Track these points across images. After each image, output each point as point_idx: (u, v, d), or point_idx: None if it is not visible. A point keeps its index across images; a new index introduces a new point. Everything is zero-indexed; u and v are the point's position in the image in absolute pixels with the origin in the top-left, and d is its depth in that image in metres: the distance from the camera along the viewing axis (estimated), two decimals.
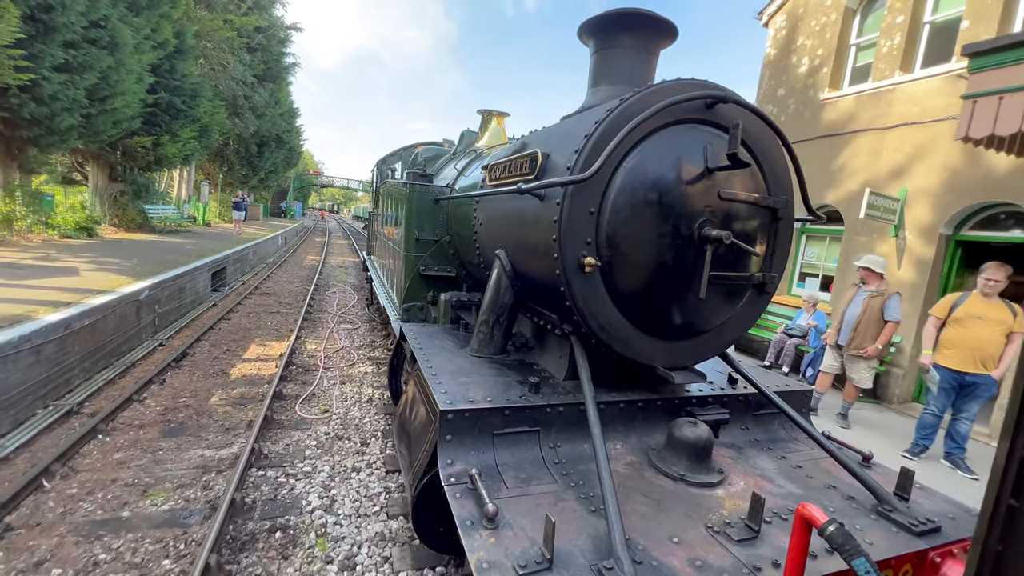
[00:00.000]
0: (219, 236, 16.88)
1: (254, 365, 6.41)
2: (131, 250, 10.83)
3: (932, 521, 1.96)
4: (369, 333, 8.52)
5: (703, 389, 2.71)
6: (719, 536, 1.78)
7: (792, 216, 2.55)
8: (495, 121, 5.53)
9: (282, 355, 6.65)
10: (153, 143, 15.08)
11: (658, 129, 2.21)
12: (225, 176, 29.30)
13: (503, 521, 1.74)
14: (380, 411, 5.26)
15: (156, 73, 13.76)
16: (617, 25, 2.69)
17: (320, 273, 14.90)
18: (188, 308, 8.90)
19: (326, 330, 8.42)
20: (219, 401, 5.19)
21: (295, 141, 39.36)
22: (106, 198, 15.13)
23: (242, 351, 7.02)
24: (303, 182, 54.26)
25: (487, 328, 2.97)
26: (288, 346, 7.03)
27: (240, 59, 22.39)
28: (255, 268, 15.09)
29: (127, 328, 6.44)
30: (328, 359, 6.85)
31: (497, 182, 2.93)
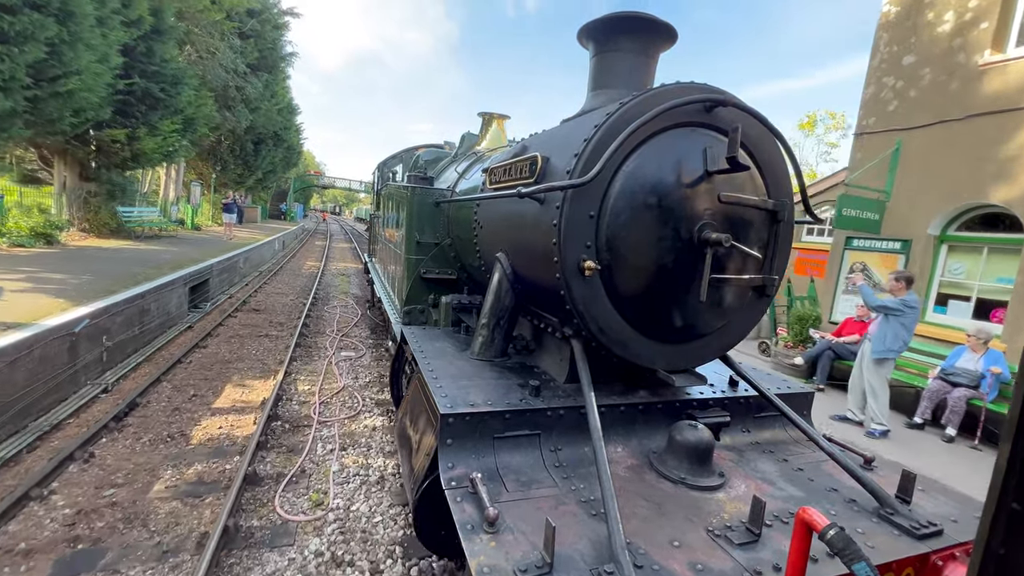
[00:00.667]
0: (208, 242, 15.12)
1: (225, 420, 4.87)
2: (91, 262, 9.05)
3: (934, 524, 1.96)
4: (376, 364, 6.97)
5: (704, 392, 2.71)
6: (720, 540, 1.78)
7: (792, 219, 2.55)
8: (495, 124, 5.55)
9: (264, 402, 5.18)
10: (128, 136, 13.06)
11: (657, 133, 2.21)
12: (219, 176, 27.04)
13: (504, 525, 1.74)
14: (397, 498, 3.73)
15: (129, 55, 11.85)
16: (616, 29, 2.69)
17: (319, 282, 13.44)
18: (153, 335, 7.33)
19: (323, 360, 6.92)
20: (164, 492, 3.62)
21: (294, 139, 37.46)
22: (75, 199, 13.16)
23: (213, 396, 5.42)
24: (304, 183, 52.69)
25: (488, 331, 2.97)
26: (274, 387, 5.50)
27: (230, 45, 19.96)
28: (246, 278, 13.41)
29: (52, 374, 4.83)
30: (324, 406, 5.36)
31: (497, 185, 2.94)
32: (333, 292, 12.55)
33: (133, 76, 12.36)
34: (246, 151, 27.70)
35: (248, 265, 14.34)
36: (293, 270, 16.29)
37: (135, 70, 12.45)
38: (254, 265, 15.15)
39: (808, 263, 11.19)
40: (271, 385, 5.74)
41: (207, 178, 26.08)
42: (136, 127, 13.23)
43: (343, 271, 17.09)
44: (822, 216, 10.25)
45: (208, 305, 9.72)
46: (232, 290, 11.66)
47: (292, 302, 10.91)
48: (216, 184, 26.65)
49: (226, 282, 11.85)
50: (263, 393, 5.58)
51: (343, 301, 11.33)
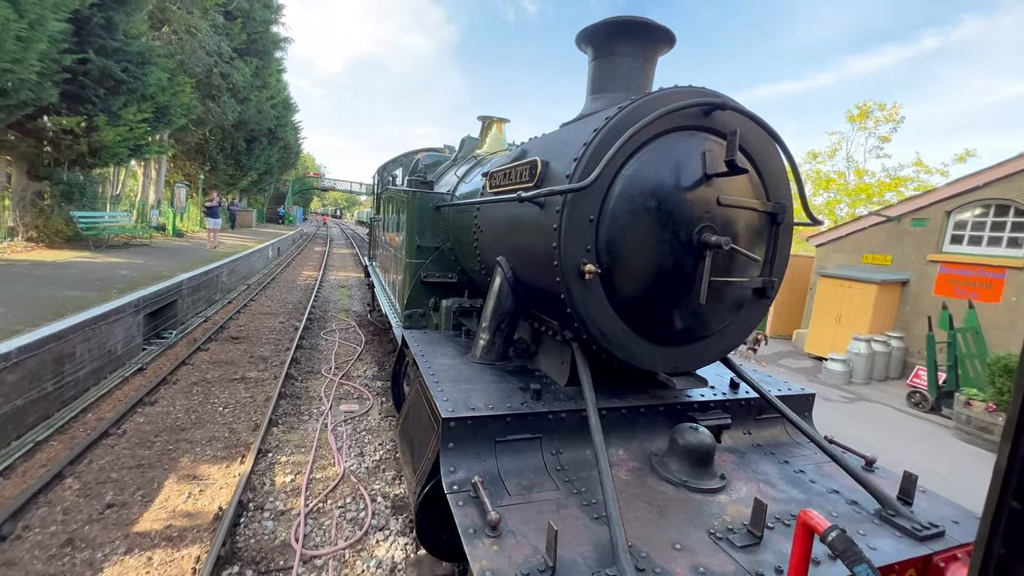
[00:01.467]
0: (187, 251, 13.10)
1: (153, 559, 3.09)
2: (13, 283, 7.02)
3: (936, 526, 1.96)
4: (387, 423, 5.19)
5: (705, 394, 2.71)
6: (722, 542, 1.78)
7: (791, 221, 2.56)
8: (495, 127, 5.57)
9: (221, 513, 3.48)
10: (83, 126, 10.71)
11: (656, 136, 2.22)
12: (208, 177, 24.35)
13: (506, 529, 1.74)
14: None
15: (82, 27, 9.80)
16: (615, 33, 2.71)
17: (315, 297, 11.82)
18: (79, 389, 5.24)
19: (316, 421, 5.12)
20: None
21: (291, 138, 34.85)
22: (20, 202, 11.01)
23: (141, 506, 3.57)
24: (304, 185, 51.14)
25: (488, 335, 2.98)
26: (239, 483, 3.79)
27: (213, 24, 17.30)
28: (229, 295, 11.48)
29: None
30: (313, 519, 3.59)
31: (497, 189, 2.95)
32: (332, 310, 10.88)
33: (88, 52, 10.09)
34: (238, 149, 25.22)
35: (233, 278, 12.38)
36: (287, 282, 14.32)
37: (91, 45, 10.16)
38: (241, 277, 13.23)
39: (959, 281, 8.53)
40: (237, 473, 4.02)
41: (195, 179, 23.62)
42: (93, 115, 10.92)
43: (343, 281, 15.43)
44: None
45: (175, 334, 7.79)
46: (210, 311, 9.71)
47: (281, 326, 8.95)
48: (205, 185, 23.99)
49: (203, 301, 9.76)
50: (221, 494, 3.75)
51: (343, 322, 9.63)
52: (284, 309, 10.60)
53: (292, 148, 37.45)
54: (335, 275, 16.86)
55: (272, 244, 18.84)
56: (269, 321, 9.39)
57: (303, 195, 56.58)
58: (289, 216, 42.13)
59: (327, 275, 16.51)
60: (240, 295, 11.71)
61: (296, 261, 20.10)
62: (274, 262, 18.43)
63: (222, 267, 11.34)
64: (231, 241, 17.70)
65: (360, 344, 8.17)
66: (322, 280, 14.97)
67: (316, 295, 12.20)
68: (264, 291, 12.51)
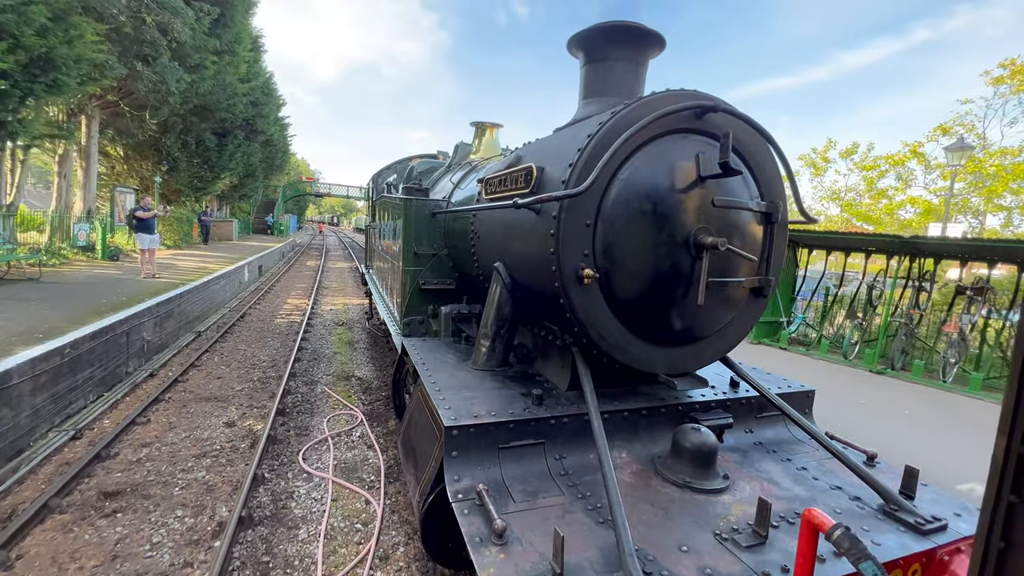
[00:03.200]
0: (101, 286, 8.48)
1: None
2: None
3: (938, 519, 1.97)
4: None
5: (705, 394, 2.73)
6: (727, 543, 1.79)
7: (786, 220, 2.58)
8: (488, 132, 5.58)
9: None
10: None
11: (650, 140, 2.24)
12: (167, 179, 19.05)
13: (512, 536, 1.75)
14: None
15: None
16: (606, 38, 2.73)
17: (299, 350, 7.68)
18: None
19: None
20: None
21: (277, 135, 29.60)
22: None
23: None
24: (296, 191, 45.72)
25: (488, 341, 2.98)
26: None
27: None
28: (153, 361, 6.97)
29: None
30: None
31: (493, 196, 2.96)
32: (323, 375, 6.72)
33: None
34: (206, 145, 20.05)
35: (169, 328, 7.89)
36: (261, 322, 9.78)
37: None
38: (186, 323, 8.70)
39: None
40: None
41: (149, 182, 18.12)
42: None
43: (341, 315, 10.87)
44: None
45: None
46: (90, 413, 5.13)
47: (226, 436, 4.78)
48: (163, 190, 18.71)
49: (82, 390, 5.30)
50: None
51: (343, 413, 5.47)
52: (243, 384, 6.21)
53: (279, 147, 32.65)
54: (330, 303, 12.47)
55: (251, 262, 15.09)
56: (206, 424, 5.02)
57: (297, 202, 53.40)
58: (279, 225, 37.45)
59: (320, 304, 12.24)
60: (175, 358, 7.22)
61: (281, 283, 15.67)
62: (250, 287, 14.27)
63: (139, 316, 6.75)
64: (187, 263, 12.77)
65: (379, 496, 3.83)
66: (312, 313, 10.66)
67: (300, 346, 7.90)
68: (222, 342, 8.07)
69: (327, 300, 13.06)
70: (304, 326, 9.28)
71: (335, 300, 13.12)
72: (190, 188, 21.18)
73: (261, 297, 12.75)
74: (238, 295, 12.89)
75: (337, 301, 12.94)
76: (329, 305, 12.28)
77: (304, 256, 26.90)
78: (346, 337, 9.06)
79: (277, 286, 15.09)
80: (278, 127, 30.07)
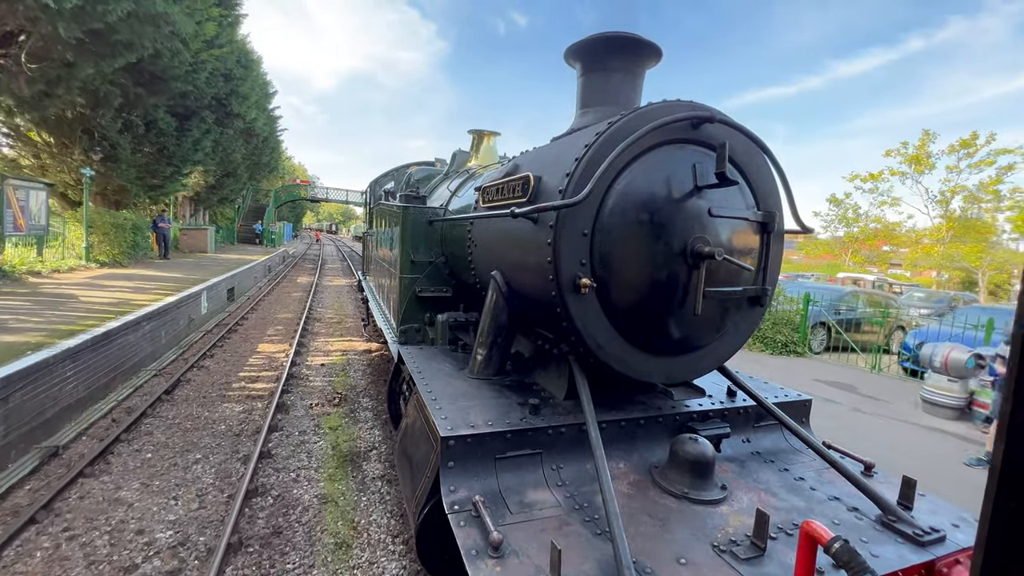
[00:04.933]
0: None
1: None
2: None
3: (937, 530, 1.96)
4: None
5: (703, 404, 2.72)
6: (725, 555, 1.78)
7: (783, 229, 2.60)
8: (486, 140, 5.60)
9: None
10: None
11: (647, 150, 2.25)
12: (103, 171, 13.92)
13: (508, 549, 1.73)
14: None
15: None
16: (603, 49, 2.75)
17: (260, 458, 4.41)
18: None
19: None
20: None
21: (261, 122, 24.10)
22: None
23: None
24: (290, 195, 40.77)
25: (485, 349, 2.97)
26: None
27: None
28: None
29: None
30: None
31: (490, 204, 2.96)
32: (308, 524, 3.54)
33: None
34: (160, 129, 14.97)
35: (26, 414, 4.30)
36: (201, 398, 5.96)
37: None
38: (32, 424, 4.42)
39: None
40: None
41: (76, 174, 13.35)
42: None
43: (339, 376, 7.04)
44: None
45: None
46: None
47: None
48: (96, 188, 14.26)
49: None
50: None
51: None
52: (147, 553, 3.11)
53: (267, 142, 27.40)
54: (323, 352, 8.25)
55: (215, 285, 10.76)
56: None
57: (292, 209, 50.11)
58: (269, 234, 31.65)
59: (306, 354, 8.02)
60: (50, 469, 4.14)
61: (257, 314, 11.20)
62: (207, 324, 9.82)
63: None
64: (108, 294, 8.40)
65: None
66: (291, 379, 6.70)
67: (256, 479, 4.11)
68: (91, 478, 4.01)
69: (318, 345, 8.60)
70: (272, 414, 5.30)
71: (330, 344, 8.72)
72: (140, 186, 15.79)
73: (216, 344, 8.19)
74: (181, 342, 8.27)
75: (333, 346, 8.62)
76: (321, 356, 7.87)
77: (296, 271, 22.29)
78: (346, 440, 4.93)
79: (249, 320, 10.49)
80: (264, 116, 24.79)
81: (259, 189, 37.25)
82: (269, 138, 28.35)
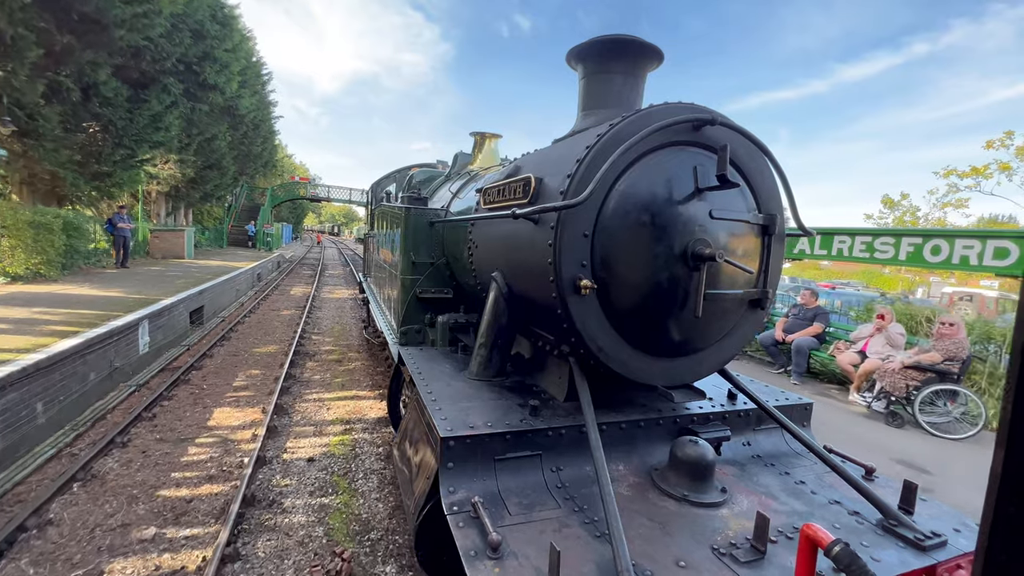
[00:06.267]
0: None
1: None
2: None
3: (938, 535, 1.95)
4: None
5: (703, 406, 2.71)
6: (725, 558, 1.77)
7: (784, 232, 2.59)
8: (488, 142, 5.61)
9: None
10: None
11: (648, 152, 2.25)
12: (21, 151, 10.69)
13: (507, 551, 1.72)
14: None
15: None
16: (605, 52, 2.76)
17: None
18: None
19: None
20: None
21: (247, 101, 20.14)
22: None
23: None
24: (288, 194, 37.44)
25: (485, 351, 2.97)
26: None
27: None
28: None
29: None
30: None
31: (491, 205, 2.97)
32: None
33: None
34: (105, 97, 11.49)
35: None
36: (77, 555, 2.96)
37: None
38: None
39: None
40: None
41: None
42: None
43: (342, 476, 4.15)
44: None
45: None
46: None
47: None
48: (12, 174, 11.40)
49: None
50: None
51: None
52: None
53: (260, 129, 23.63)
54: (317, 425, 5.21)
55: (166, 310, 7.75)
56: None
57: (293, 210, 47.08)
58: (264, 236, 28.58)
59: (288, 430, 5.01)
60: None
61: (227, 346, 8.32)
62: (132, 378, 6.29)
63: None
64: None
65: None
66: (253, 503, 3.65)
67: None
68: None
69: (307, 411, 5.58)
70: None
71: (327, 407, 5.70)
72: (77, 174, 11.90)
73: (141, 418, 5.10)
74: (77, 418, 5.04)
75: (330, 410, 5.61)
76: (310, 436, 4.94)
77: (291, 279, 18.93)
78: None
79: (213, 359, 7.44)
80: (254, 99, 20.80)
81: (255, 187, 33.89)
82: (261, 125, 24.64)
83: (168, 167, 17.46)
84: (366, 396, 6.24)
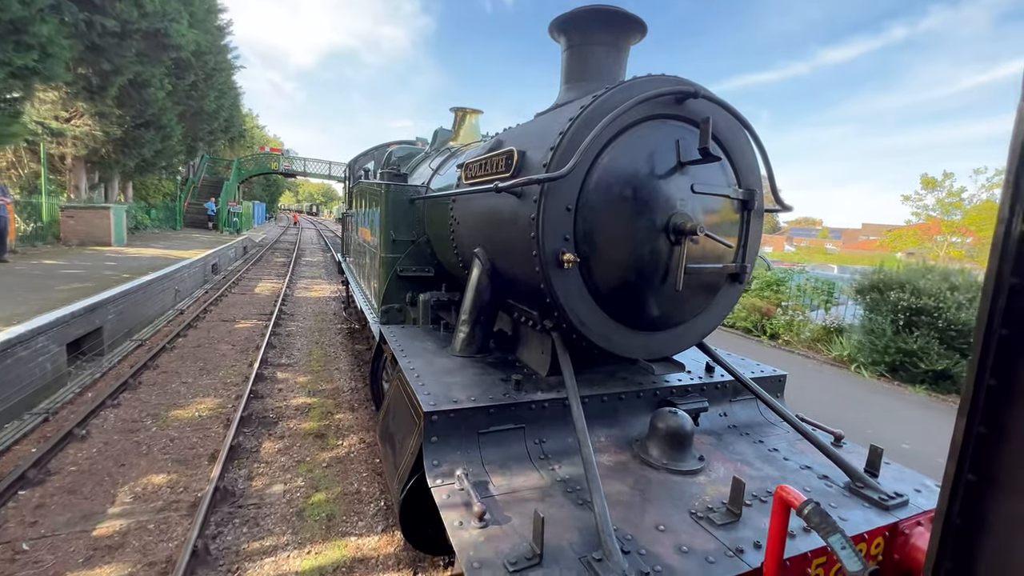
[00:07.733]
0: None
1: None
2: None
3: (900, 495, 2.06)
4: None
5: (682, 379, 2.77)
6: (702, 521, 1.83)
7: (763, 207, 2.63)
8: (469, 118, 5.50)
9: None
10: None
11: (631, 125, 2.23)
12: None
13: (492, 519, 1.75)
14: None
15: None
16: (587, 22, 2.70)
17: None
18: None
19: None
20: None
21: (187, 34, 14.18)
22: None
23: None
24: (259, 167, 32.15)
25: (468, 327, 2.96)
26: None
27: None
28: None
29: None
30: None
31: (473, 181, 2.92)
32: None
33: None
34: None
35: None
36: None
37: None
38: None
39: None
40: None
41: None
42: None
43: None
44: None
45: None
46: None
47: None
48: None
49: None
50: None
51: None
52: None
53: (214, 80, 19.15)
54: None
55: (7, 345, 4.23)
56: None
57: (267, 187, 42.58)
58: (228, 217, 24.67)
59: None
60: None
61: (119, 411, 4.66)
62: None
63: None
64: None
65: None
66: None
67: None
68: None
69: None
70: None
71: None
72: None
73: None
74: None
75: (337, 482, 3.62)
76: None
77: (258, 269, 15.52)
78: None
79: (82, 447, 4.03)
80: (198, 32, 15.68)
81: (218, 159, 28.99)
82: (215, 75, 19.27)
83: (82, 121, 12.89)
84: (381, 554, 3.02)
